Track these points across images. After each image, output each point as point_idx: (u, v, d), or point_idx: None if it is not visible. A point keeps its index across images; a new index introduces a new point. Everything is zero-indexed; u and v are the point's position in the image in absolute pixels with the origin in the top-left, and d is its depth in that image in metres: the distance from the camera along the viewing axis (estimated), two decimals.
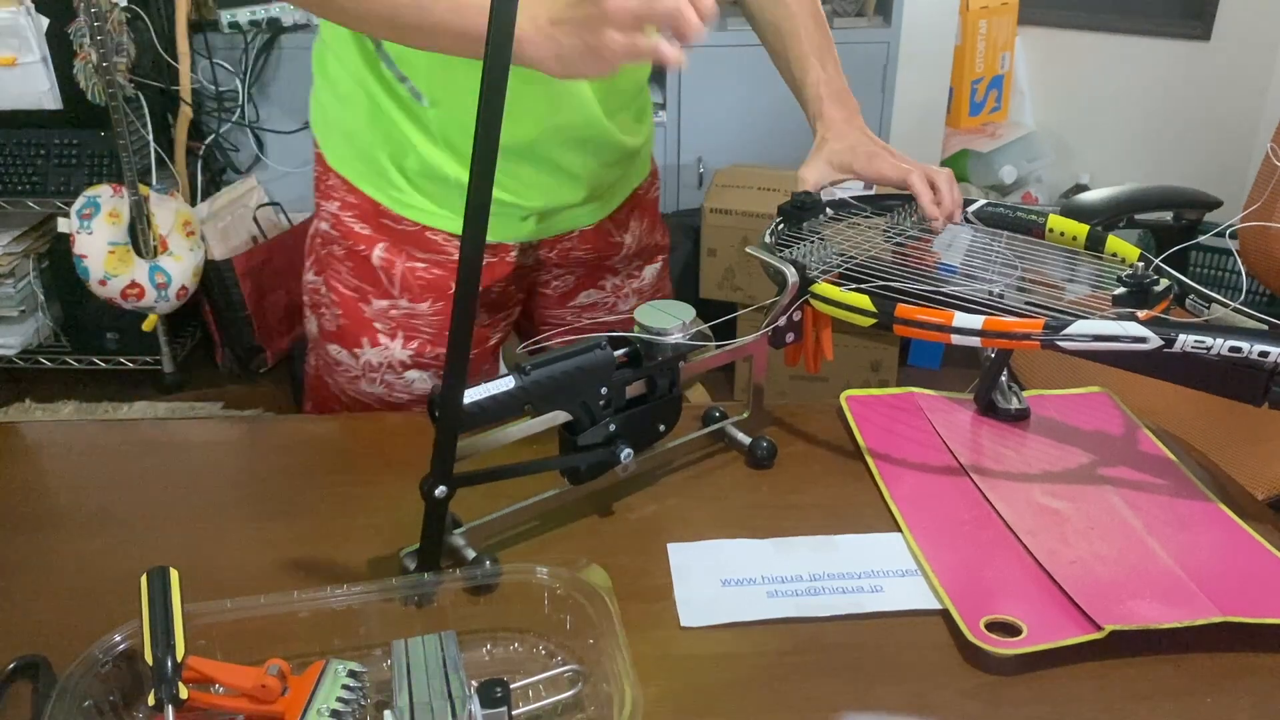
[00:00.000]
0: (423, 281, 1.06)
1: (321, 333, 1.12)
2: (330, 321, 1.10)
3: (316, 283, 1.11)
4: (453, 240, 1.04)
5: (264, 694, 0.63)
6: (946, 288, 0.88)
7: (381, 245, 1.05)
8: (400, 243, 1.05)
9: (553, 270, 1.17)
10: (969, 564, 0.80)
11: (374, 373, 1.09)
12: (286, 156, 2.90)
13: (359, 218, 1.05)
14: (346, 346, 1.09)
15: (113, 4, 2.41)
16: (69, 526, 0.86)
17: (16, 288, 2.61)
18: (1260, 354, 0.77)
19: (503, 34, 0.62)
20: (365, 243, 1.05)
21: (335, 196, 1.06)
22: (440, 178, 1.01)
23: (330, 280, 1.09)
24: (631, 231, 1.19)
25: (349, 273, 1.07)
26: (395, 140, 1.01)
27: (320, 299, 1.11)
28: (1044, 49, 3.02)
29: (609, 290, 1.22)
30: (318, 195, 1.09)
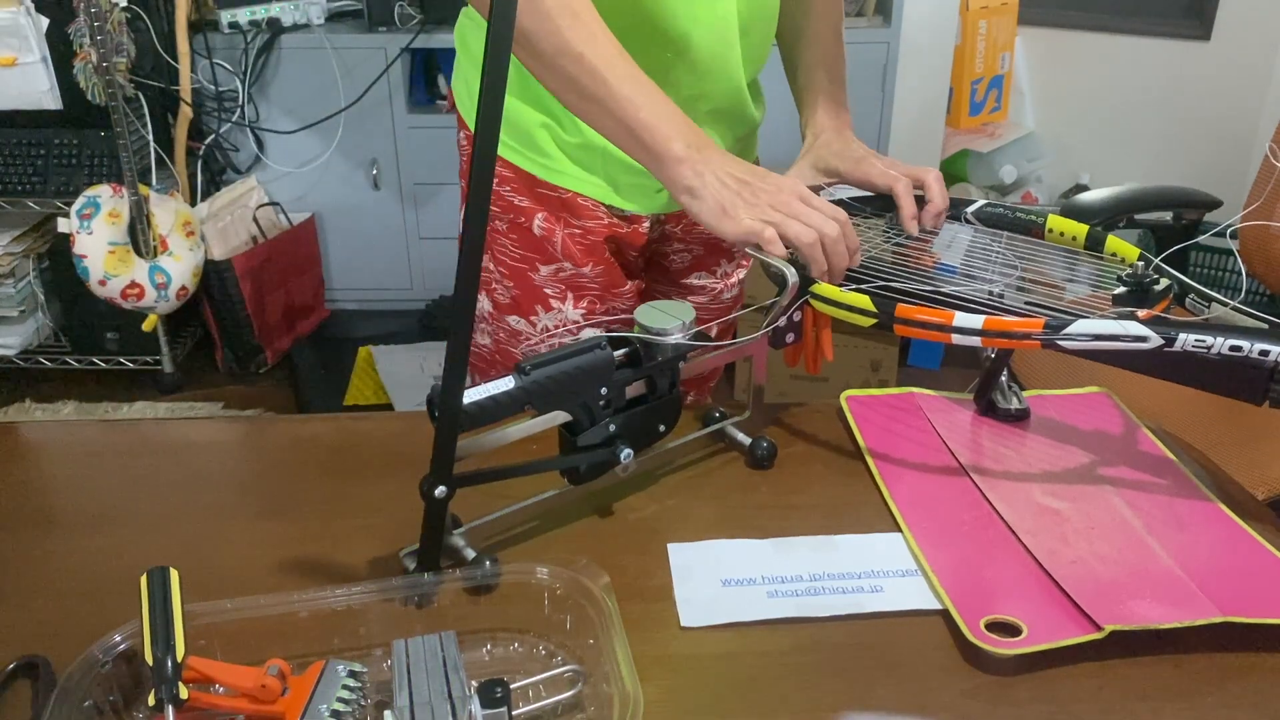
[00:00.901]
0: (581, 246, 1.09)
1: (496, 307, 1.16)
2: (503, 295, 1.14)
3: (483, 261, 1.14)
4: (601, 207, 1.08)
5: (264, 694, 0.63)
6: (946, 288, 0.88)
7: (540, 215, 1.08)
8: (557, 210, 1.08)
9: (674, 244, 1.20)
10: (969, 564, 0.80)
11: (553, 336, 1.14)
12: (286, 156, 2.90)
13: (516, 190, 1.09)
14: (524, 315, 1.13)
15: (113, 4, 2.41)
16: (69, 526, 0.86)
17: (16, 288, 2.62)
18: (1260, 353, 0.77)
19: (503, 34, 0.62)
20: (525, 214, 1.09)
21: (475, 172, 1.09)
22: (589, 145, 1.05)
23: (496, 255, 1.12)
24: None
25: (513, 245, 1.11)
26: (546, 110, 1.05)
27: (489, 276, 1.15)
28: (1044, 49, 3.02)
29: (718, 276, 1.24)
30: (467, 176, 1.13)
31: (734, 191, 0.88)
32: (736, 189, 0.88)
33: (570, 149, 1.06)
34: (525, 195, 1.08)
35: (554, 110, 1.04)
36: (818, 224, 0.88)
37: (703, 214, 0.89)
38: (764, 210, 0.88)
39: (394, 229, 3.01)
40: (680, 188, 0.89)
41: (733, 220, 0.88)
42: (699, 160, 0.88)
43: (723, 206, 0.88)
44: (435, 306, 3.08)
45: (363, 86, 2.80)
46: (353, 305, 3.14)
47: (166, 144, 2.73)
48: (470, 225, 0.65)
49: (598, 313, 1.13)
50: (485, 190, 0.65)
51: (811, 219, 0.88)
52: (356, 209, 2.99)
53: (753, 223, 0.87)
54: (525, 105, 1.05)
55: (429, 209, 3.00)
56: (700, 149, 0.89)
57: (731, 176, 0.89)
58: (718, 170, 0.89)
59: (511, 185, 1.09)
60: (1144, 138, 2.93)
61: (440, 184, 2.97)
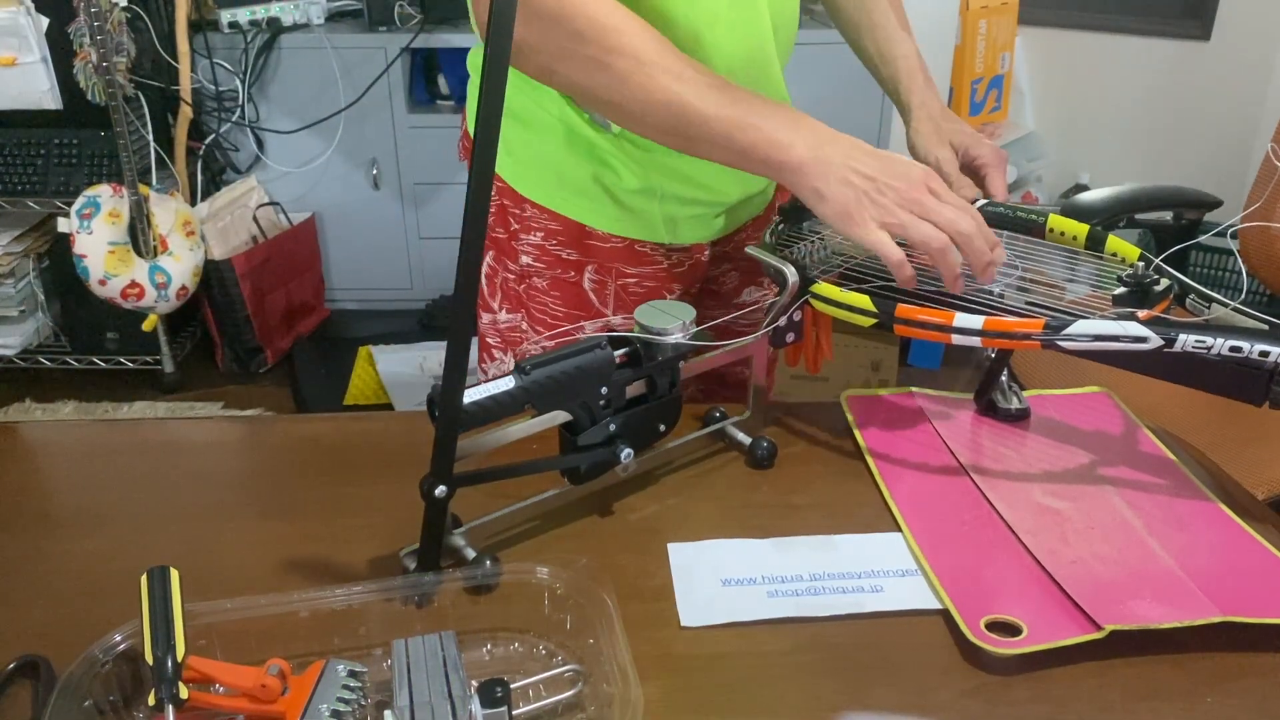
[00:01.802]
0: (636, 295, 1.06)
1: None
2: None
3: (513, 320, 1.10)
4: (660, 249, 1.06)
5: (264, 694, 0.63)
6: (946, 287, 0.88)
7: (591, 268, 1.05)
8: (609, 261, 1.05)
9: (723, 265, 1.19)
10: (969, 564, 0.80)
11: None
12: (286, 156, 2.90)
13: (564, 244, 1.05)
14: None
15: (113, 4, 2.41)
16: (69, 526, 0.86)
17: (16, 288, 2.62)
18: (1260, 354, 0.77)
19: (503, 34, 0.62)
20: (574, 268, 1.05)
21: (536, 227, 1.05)
22: (645, 189, 1.03)
23: (534, 314, 1.08)
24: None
25: (554, 303, 1.07)
26: (596, 159, 1.02)
27: (521, 336, 1.10)
28: (1044, 49, 3.02)
29: (765, 285, 1.22)
30: (501, 231, 1.09)
31: (861, 191, 0.84)
32: (864, 187, 0.84)
33: (625, 195, 1.03)
34: (574, 248, 1.05)
35: (604, 158, 1.02)
36: (949, 220, 0.83)
37: (828, 217, 0.86)
38: (891, 211, 0.83)
39: (394, 229, 3.01)
40: (807, 191, 0.86)
41: (860, 226, 0.84)
42: (821, 161, 0.85)
43: (848, 210, 0.84)
44: (435, 306, 3.09)
45: (363, 86, 2.80)
46: (353, 305, 3.14)
47: (166, 144, 2.74)
48: (470, 225, 0.65)
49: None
50: (485, 190, 0.65)
51: (943, 215, 0.83)
52: (356, 209, 2.99)
53: (880, 235, 0.84)
54: (574, 156, 1.02)
55: (429, 209, 3.00)
56: (820, 147, 0.85)
57: (858, 174, 0.84)
58: (843, 168, 0.85)
59: (559, 239, 1.05)
60: (1144, 138, 2.93)
61: (440, 184, 2.97)
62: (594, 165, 1.02)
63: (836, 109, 2.75)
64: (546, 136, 1.03)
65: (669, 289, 1.07)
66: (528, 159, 1.05)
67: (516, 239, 1.07)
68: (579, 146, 1.02)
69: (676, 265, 1.07)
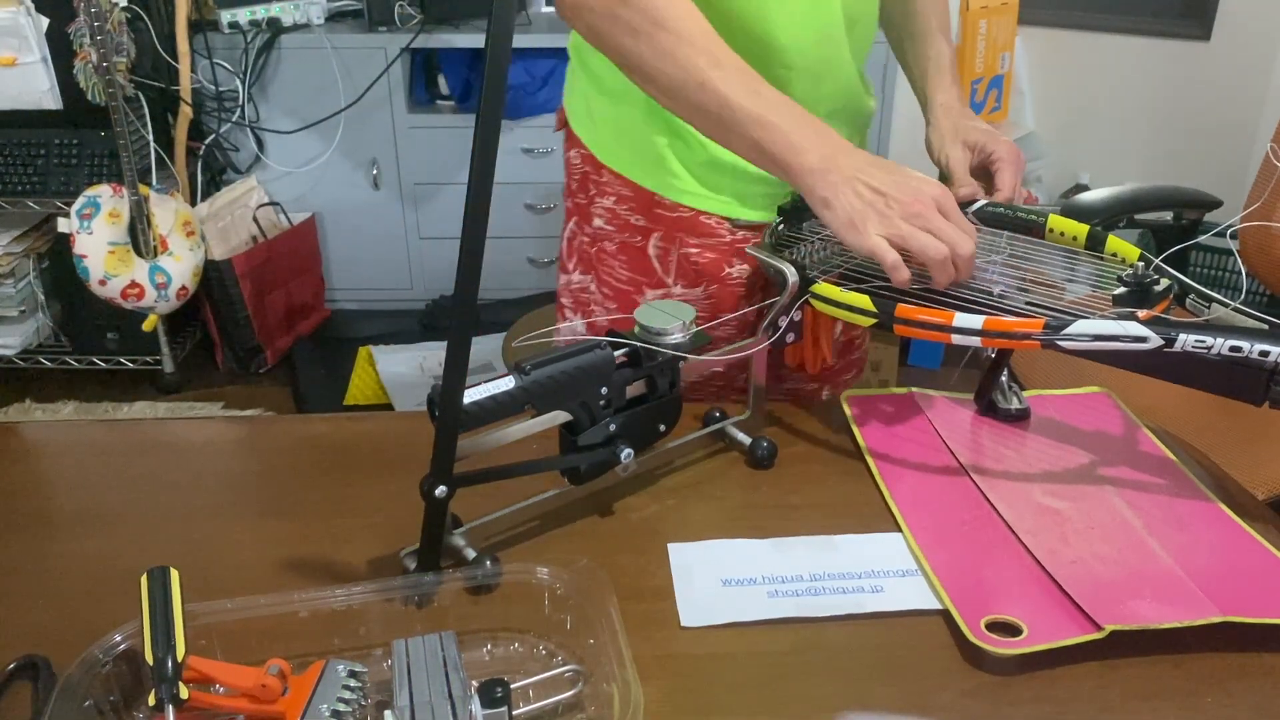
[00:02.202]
0: (696, 266, 1.08)
1: (591, 329, 1.16)
2: (602, 316, 1.14)
3: (584, 281, 1.15)
4: (725, 223, 1.07)
5: (264, 694, 0.63)
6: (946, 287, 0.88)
7: (657, 235, 1.08)
8: (675, 230, 1.08)
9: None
10: (969, 564, 0.80)
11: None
12: (286, 156, 2.90)
13: (634, 210, 1.09)
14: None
15: (113, 4, 2.41)
16: (69, 526, 0.86)
17: (16, 288, 2.62)
18: (1260, 354, 0.77)
19: (503, 35, 0.62)
20: (641, 234, 1.09)
21: (610, 192, 1.10)
22: (716, 163, 1.04)
23: (602, 276, 1.12)
24: None
25: (622, 266, 1.11)
26: (673, 130, 1.04)
27: (589, 297, 1.15)
28: (1044, 49, 3.02)
29: None
30: (582, 197, 1.13)
31: (867, 203, 0.86)
32: (871, 200, 0.86)
33: (695, 167, 1.05)
34: (643, 215, 1.08)
35: (679, 130, 1.04)
36: (951, 239, 0.85)
37: (833, 225, 0.88)
38: (895, 224, 0.85)
39: (394, 229, 3.01)
40: (816, 199, 0.88)
41: (860, 235, 0.86)
42: (833, 171, 0.87)
43: (852, 220, 0.86)
44: (435, 306, 3.09)
45: (363, 86, 2.80)
46: (353, 305, 3.14)
47: (166, 144, 2.74)
48: (470, 225, 0.65)
49: None
50: (486, 190, 0.65)
51: (945, 233, 0.85)
52: (356, 209, 2.99)
53: (878, 240, 0.85)
54: (651, 126, 1.05)
55: (429, 209, 3.00)
56: (834, 157, 0.88)
57: (868, 187, 0.87)
58: (853, 180, 0.87)
59: (630, 204, 1.08)
60: (1144, 138, 2.93)
61: (440, 184, 2.97)
62: (668, 136, 1.05)
63: None
64: (626, 106, 1.06)
65: (728, 262, 1.08)
66: (607, 127, 1.10)
67: (593, 203, 1.12)
68: (656, 118, 1.04)
69: (739, 240, 1.08)
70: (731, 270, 1.07)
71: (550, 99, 2.88)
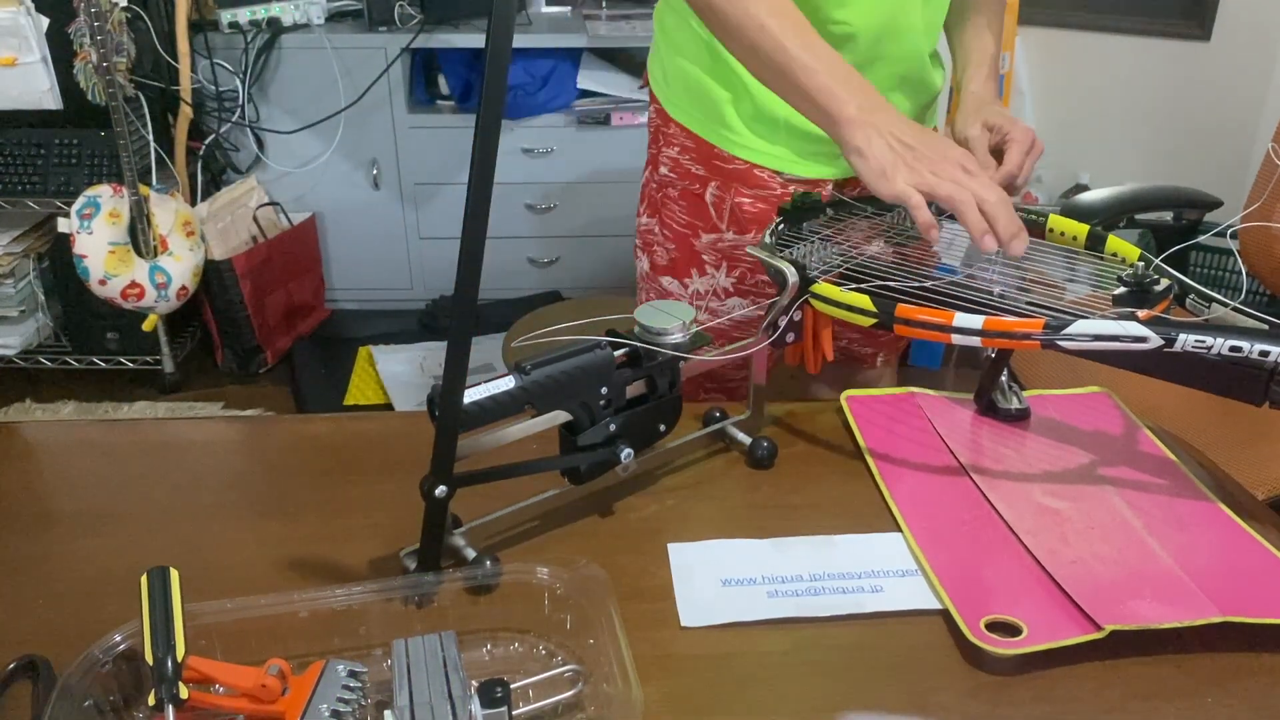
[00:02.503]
0: (749, 214, 1.16)
1: (653, 268, 1.26)
2: (662, 257, 1.24)
3: (650, 224, 1.26)
4: (776, 177, 1.15)
5: (264, 694, 0.63)
6: (946, 287, 0.88)
7: (714, 184, 1.17)
8: (730, 180, 1.16)
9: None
10: (969, 564, 0.80)
11: (700, 300, 1.22)
12: (286, 156, 2.90)
13: (695, 160, 1.18)
14: (677, 277, 1.23)
15: (113, 4, 2.41)
16: (69, 526, 0.86)
17: (16, 288, 2.61)
18: (1260, 354, 0.77)
19: (503, 35, 0.62)
20: (700, 182, 1.18)
21: (675, 143, 1.20)
22: (771, 119, 1.12)
23: (665, 219, 1.22)
24: None
25: (682, 211, 1.20)
26: (732, 86, 1.12)
27: (653, 238, 1.25)
28: (1044, 49, 3.01)
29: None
30: (654, 147, 1.25)
31: (898, 154, 0.91)
32: (900, 151, 0.91)
33: (751, 122, 1.13)
34: (702, 165, 1.17)
35: (737, 85, 1.11)
36: (976, 189, 0.89)
37: (864, 173, 0.92)
38: (922, 175, 0.90)
39: (394, 229, 3.01)
40: (850, 148, 0.92)
41: (889, 182, 0.90)
42: (870, 123, 0.92)
43: (883, 168, 0.90)
44: (435, 306, 3.09)
45: (363, 86, 2.80)
46: (353, 305, 3.14)
47: (167, 144, 2.73)
48: (470, 225, 0.65)
49: (748, 283, 1.19)
50: (486, 189, 0.65)
51: (970, 184, 0.89)
52: (356, 209, 2.99)
53: (905, 187, 0.89)
54: (712, 80, 1.13)
55: (429, 209, 3.00)
56: (873, 111, 0.92)
57: (899, 140, 0.91)
58: (886, 133, 0.91)
59: (691, 154, 1.17)
60: (1144, 138, 2.93)
61: (440, 184, 2.97)
62: (729, 91, 1.12)
63: None
64: (691, 58, 1.15)
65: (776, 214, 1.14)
66: (677, 83, 1.18)
67: (661, 153, 1.22)
68: (719, 72, 1.12)
69: (789, 194, 1.14)
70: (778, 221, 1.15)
71: (550, 99, 2.88)
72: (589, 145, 2.88)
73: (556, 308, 2.83)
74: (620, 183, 2.91)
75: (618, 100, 2.88)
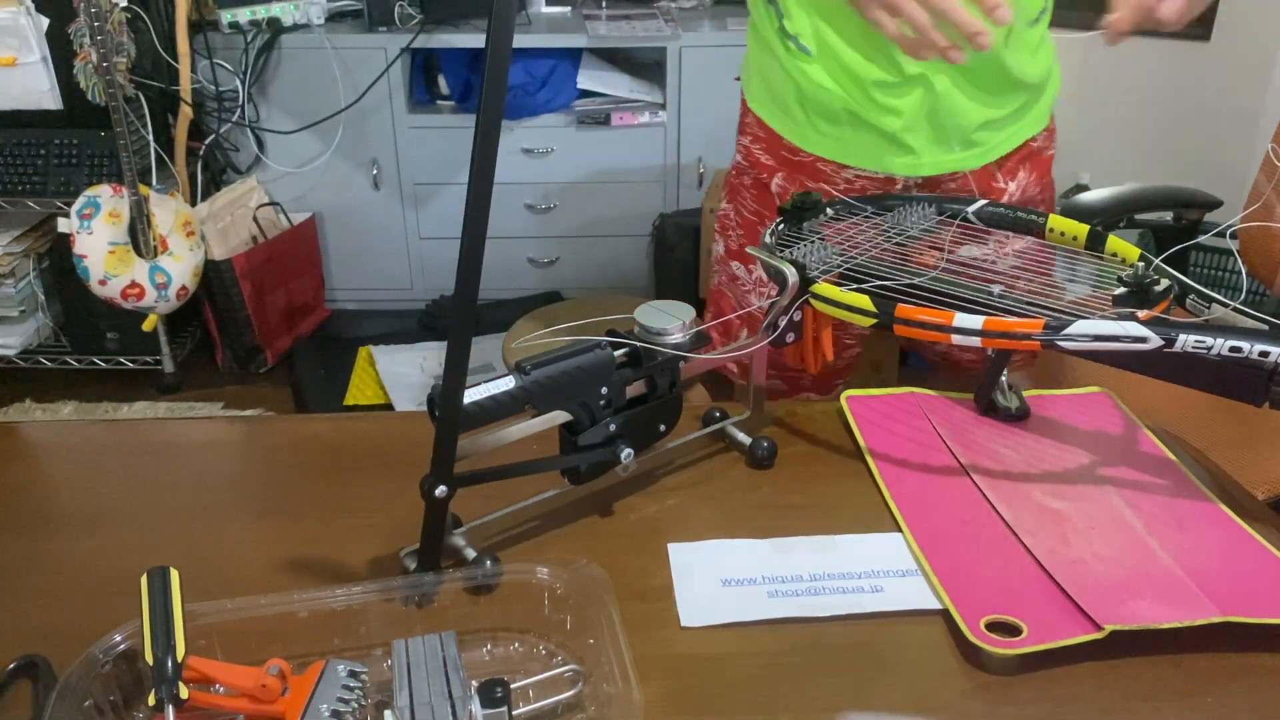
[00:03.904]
0: None
1: (727, 252, 1.32)
2: (734, 241, 1.30)
3: (728, 209, 1.33)
4: (839, 170, 1.21)
5: (264, 694, 0.63)
6: (946, 287, 0.88)
7: (780, 175, 1.23)
8: (795, 172, 1.22)
9: None
10: (969, 564, 0.80)
11: (764, 286, 1.27)
12: (286, 156, 2.90)
13: (765, 150, 1.24)
14: (744, 263, 1.29)
15: (113, 4, 2.41)
16: (69, 526, 0.86)
17: (16, 288, 2.61)
18: (1260, 354, 0.77)
19: (503, 35, 0.62)
20: (768, 172, 1.24)
21: (750, 133, 1.27)
22: (832, 113, 1.17)
23: (738, 205, 1.29)
24: (1018, 182, 1.26)
25: (752, 199, 1.27)
26: (797, 81, 1.17)
27: (729, 223, 1.31)
28: None
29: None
30: (738, 135, 1.31)
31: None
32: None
33: (814, 115, 1.18)
34: (771, 155, 1.24)
35: (805, 80, 1.16)
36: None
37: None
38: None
39: (394, 229, 3.01)
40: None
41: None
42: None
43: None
44: (435, 306, 3.09)
45: (363, 86, 2.80)
46: (353, 305, 3.14)
47: (167, 144, 2.73)
48: (470, 225, 0.65)
49: None
50: (485, 189, 0.65)
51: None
52: (356, 209, 2.99)
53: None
54: (783, 71, 1.18)
55: (429, 209, 3.00)
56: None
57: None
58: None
59: (762, 145, 1.24)
60: (1144, 138, 2.93)
61: (440, 184, 2.97)
62: (796, 84, 1.17)
63: None
64: (767, 54, 1.20)
65: None
66: (754, 70, 1.25)
67: (739, 141, 1.30)
68: (791, 66, 1.17)
69: (848, 186, 1.20)
70: None
71: (550, 99, 2.88)
72: (589, 145, 2.88)
73: (556, 308, 2.83)
74: (620, 183, 2.91)
75: (618, 100, 2.88)
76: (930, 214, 1.05)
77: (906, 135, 1.16)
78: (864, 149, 1.18)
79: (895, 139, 1.16)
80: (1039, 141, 1.28)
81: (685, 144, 2.84)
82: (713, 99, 2.78)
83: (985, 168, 1.22)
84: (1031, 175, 1.27)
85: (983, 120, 1.18)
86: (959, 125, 1.17)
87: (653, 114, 2.81)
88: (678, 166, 2.86)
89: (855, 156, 1.18)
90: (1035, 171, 1.28)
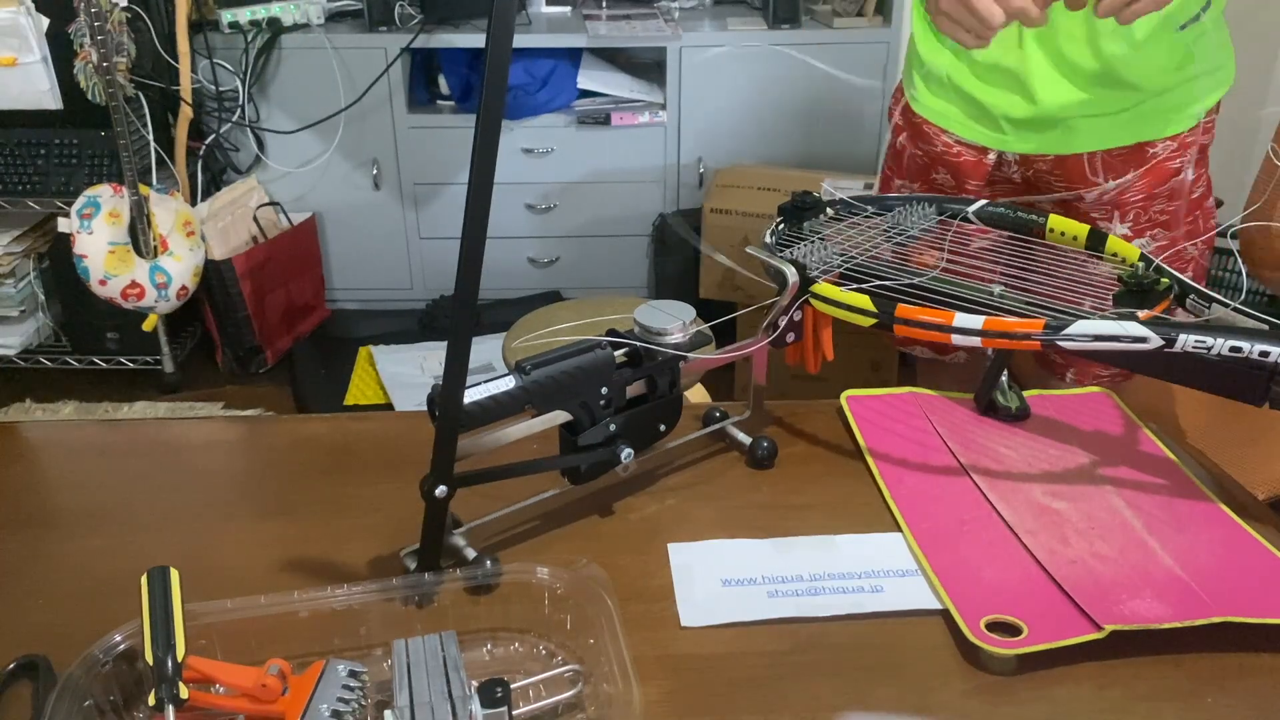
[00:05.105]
0: (917, 164, 1.35)
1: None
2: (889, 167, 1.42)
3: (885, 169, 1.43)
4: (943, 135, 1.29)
5: (264, 694, 0.63)
6: (946, 287, 0.88)
7: (904, 135, 1.36)
8: (913, 134, 1.34)
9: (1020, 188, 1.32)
10: (969, 564, 0.80)
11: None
12: (286, 156, 2.90)
13: (902, 112, 1.36)
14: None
15: (113, 4, 2.41)
16: (69, 526, 0.86)
17: (16, 288, 2.61)
18: (1260, 354, 0.77)
19: (503, 35, 0.62)
20: (897, 133, 1.37)
21: (897, 100, 1.39)
22: (940, 79, 1.27)
23: (887, 164, 1.41)
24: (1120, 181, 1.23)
25: (891, 159, 1.40)
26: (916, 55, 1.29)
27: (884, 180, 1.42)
28: None
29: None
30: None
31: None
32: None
33: (926, 79, 1.29)
34: (902, 117, 1.35)
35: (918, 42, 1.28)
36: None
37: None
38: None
39: (394, 229, 3.01)
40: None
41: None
42: None
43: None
44: (435, 306, 3.08)
45: (363, 86, 2.80)
46: (353, 305, 3.14)
47: (167, 144, 2.73)
48: (470, 225, 0.65)
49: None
50: (485, 190, 0.65)
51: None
52: (356, 209, 2.99)
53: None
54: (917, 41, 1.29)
55: (429, 209, 3.00)
56: None
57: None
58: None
59: (901, 106, 1.36)
60: None
61: (440, 184, 2.97)
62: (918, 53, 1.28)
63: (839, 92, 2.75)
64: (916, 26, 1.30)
65: (935, 170, 1.32)
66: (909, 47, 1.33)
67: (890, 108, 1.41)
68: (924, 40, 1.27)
69: (947, 152, 1.29)
70: (936, 177, 1.32)
71: (550, 99, 2.88)
72: (589, 145, 2.88)
73: (556, 308, 2.82)
74: (620, 183, 2.91)
75: (618, 100, 2.88)
76: (930, 214, 1.05)
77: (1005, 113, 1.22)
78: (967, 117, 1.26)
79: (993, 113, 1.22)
80: (1159, 149, 1.21)
81: (685, 144, 2.84)
82: (713, 99, 2.78)
83: (1077, 157, 1.22)
84: (1141, 180, 1.22)
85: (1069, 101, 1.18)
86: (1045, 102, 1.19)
87: (653, 114, 2.81)
88: (678, 166, 2.86)
89: (958, 124, 1.26)
90: (1148, 178, 1.22)
